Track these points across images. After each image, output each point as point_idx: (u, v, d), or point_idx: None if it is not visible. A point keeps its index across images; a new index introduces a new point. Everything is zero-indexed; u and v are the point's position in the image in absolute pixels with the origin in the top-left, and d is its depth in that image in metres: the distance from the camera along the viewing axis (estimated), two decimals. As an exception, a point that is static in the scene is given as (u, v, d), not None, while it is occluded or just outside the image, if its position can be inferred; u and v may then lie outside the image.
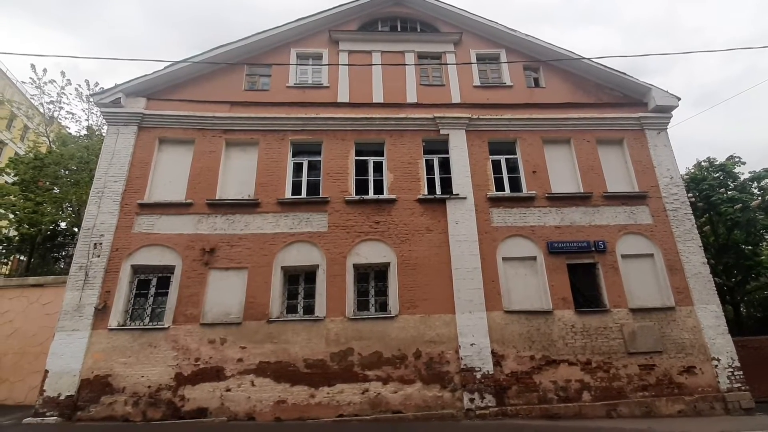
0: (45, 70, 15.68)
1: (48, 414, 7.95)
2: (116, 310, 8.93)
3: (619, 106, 12.12)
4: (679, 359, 9.43)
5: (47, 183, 17.43)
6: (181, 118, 10.77)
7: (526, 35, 12.60)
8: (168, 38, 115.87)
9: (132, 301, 9.32)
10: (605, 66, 12.41)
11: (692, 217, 10.92)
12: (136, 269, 9.47)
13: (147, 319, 9.17)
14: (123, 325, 8.90)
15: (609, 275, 10.11)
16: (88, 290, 8.87)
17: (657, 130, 11.78)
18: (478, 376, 8.96)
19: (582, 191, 10.98)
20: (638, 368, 9.28)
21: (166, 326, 8.87)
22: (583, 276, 10.28)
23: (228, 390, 8.52)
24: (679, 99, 11.87)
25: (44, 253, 19.29)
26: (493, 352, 9.20)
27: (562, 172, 11.36)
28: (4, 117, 29.50)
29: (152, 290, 9.39)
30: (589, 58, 12.27)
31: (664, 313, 9.82)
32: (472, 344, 9.20)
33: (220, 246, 9.68)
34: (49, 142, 16.47)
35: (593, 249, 10.34)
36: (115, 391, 8.33)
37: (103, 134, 17.20)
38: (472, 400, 8.76)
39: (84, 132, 17.19)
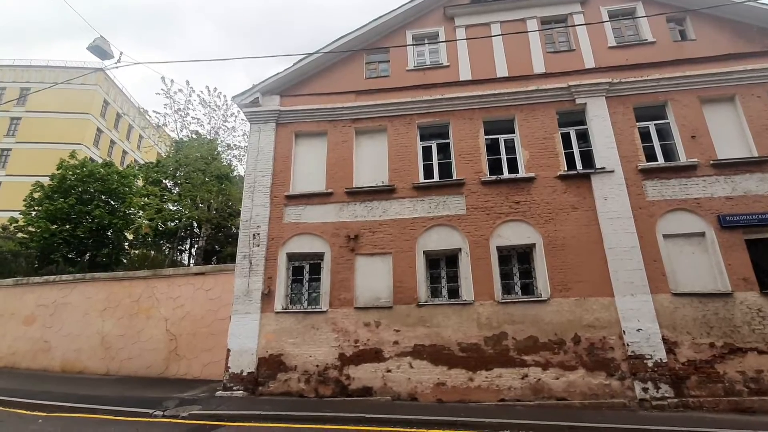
0: (172, 81, 17.21)
1: (235, 388, 8.81)
2: (279, 294, 9.59)
3: (796, 51, 10.18)
4: None
5: (171, 184, 19.41)
6: (313, 112, 11.11)
7: (668, -19, 11.03)
8: (243, 47, 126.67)
9: (290, 287, 9.92)
10: (774, 6, 10.46)
11: None
12: (291, 256, 10.04)
13: (305, 303, 9.74)
14: (286, 309, 9.53)
15: (803, 251, 8.64)
16: (254, 277, 9.62)
17: None
18: (650, 364, 8.21)
19: (757, 155, 9.45)
20: None
21: (324, 309, 9.33)
22: (766, 253, 8.90)
23: (388, 371, 8.76)
24: None
25: (173, 246, 21.70)
26: (664, 339, 8.37)
27: (728, 134, 9.88)
28: (124, 129, 33.79)
29: (306, 276, 9.91)
30: (750, -1, 10.39)
31: None
32: (638, 330, 8.44)
33: (363, 232, 9.91)
34: (174, 147, 18.22)
35: (778, 221, 8.91)
36: (288, 369, 8.98)
37: (219, 138, 18.66)
38: (645, 390, 8.07)
39: (194, 135, 18.51)
